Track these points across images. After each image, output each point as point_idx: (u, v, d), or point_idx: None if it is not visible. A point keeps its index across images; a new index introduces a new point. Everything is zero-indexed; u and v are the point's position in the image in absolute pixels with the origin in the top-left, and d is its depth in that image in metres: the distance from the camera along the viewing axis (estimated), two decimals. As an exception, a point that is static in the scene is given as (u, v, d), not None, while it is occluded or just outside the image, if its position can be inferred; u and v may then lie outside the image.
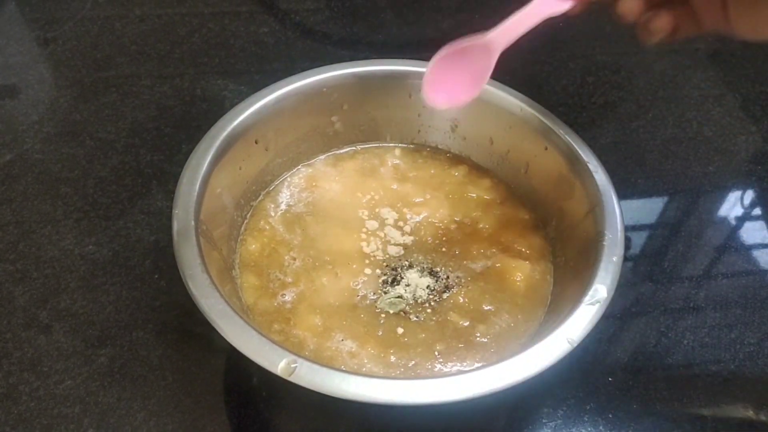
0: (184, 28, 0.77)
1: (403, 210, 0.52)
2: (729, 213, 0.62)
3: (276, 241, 0.50)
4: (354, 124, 0.56)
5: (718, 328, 0.53)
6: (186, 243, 0.40)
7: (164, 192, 0.59)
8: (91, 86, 0.69)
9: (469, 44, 0.43)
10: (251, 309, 0.45)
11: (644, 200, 0.63)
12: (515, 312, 0.46)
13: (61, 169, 0.60)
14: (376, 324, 0.45)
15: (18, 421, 0.44)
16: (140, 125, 0.65)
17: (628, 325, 0.53)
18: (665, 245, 0.59)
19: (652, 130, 0.69)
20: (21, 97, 0.67)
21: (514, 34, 0.43)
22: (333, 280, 0.47)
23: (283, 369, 0.35)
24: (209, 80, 0.70)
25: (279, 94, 0.50)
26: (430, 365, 0.43)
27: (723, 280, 0.56)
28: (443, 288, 0.47)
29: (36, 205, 0.57)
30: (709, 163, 0.66)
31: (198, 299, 0.38)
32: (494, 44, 0.43)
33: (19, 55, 0.72)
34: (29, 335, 0.49)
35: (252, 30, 0.78)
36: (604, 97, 0.72)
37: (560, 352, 0.37)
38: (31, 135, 0.63)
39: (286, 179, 0.54)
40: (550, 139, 0.49)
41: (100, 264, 0.53)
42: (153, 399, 0.46)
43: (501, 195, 0.54)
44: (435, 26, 0.81)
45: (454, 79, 0.45)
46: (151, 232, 0.56)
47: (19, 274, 0.52)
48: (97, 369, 0.47)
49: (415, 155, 0.57)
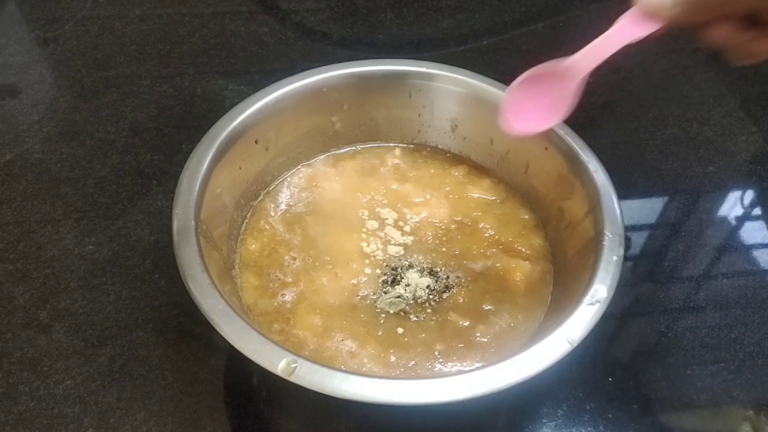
0: (184, 28, 0.77)
1: (403, 210, 0.52)
2: (729, 213, 0.62)
3: (276, 241, 0.50)
4: (354, 124, 0.56)
5: (718, 328, 0.53)
6: (186, 243, 0.40)
7: (164, 192, 0.59)
8: (91, 86, 0.69)
9: (548, 69, 0.42)
10: (251, 309, 0.45)
11: (644, 200, 0.63)
12: (515, 312, 0.46)
13: (61, 168, 0.60)
14: (376, 324, 0.45)
15: (18, 420, 0.44)
16: (140, 125, 0.65)
17: (628, 325, 0.53)
18: (665, 245, 0.59)
19: (653, 130, 0.69)
20: (21, 96, 0.67)
21: (596, 59, 0.40)
22: (333, 280, 0.47)
23: (283, 369, 0.35)
24: (209, 80, 0.70)
25: (279, 93, 0.50)
26: (430, 365, 0.43)
27: (723, 280, 0.56)
28: (443, 288, 0.47)
29: (36, 204, 0.57)
30: (710, 163, 0.66)
31: (198, 299, 0.38)
32: (575, 69, 0.41)
33: (19, 55, 0.72)
34: (29, 335, 0.49)
35: (252, 30, 0.78)
36: (604, 97, 0.72)
37: (560, 352, 0.37)
38: (31, 135, 0.63)
39: (286, 179, 0.54)
40: (550, 139, 0.49)
41: (100, 264, 0.53)
42: (153, 399, 0.46)
43: (501, 195, 0.54)
44: (435, 26, 0.81)
45: (533, 106, 0.43)
46: (151, 231, 0.56)
47: (19, 273, 0.52)
48: (97, 369, 0.47)
49: (416, 155, 0.57)
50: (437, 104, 0.54)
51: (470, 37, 0.79)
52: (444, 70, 0.53)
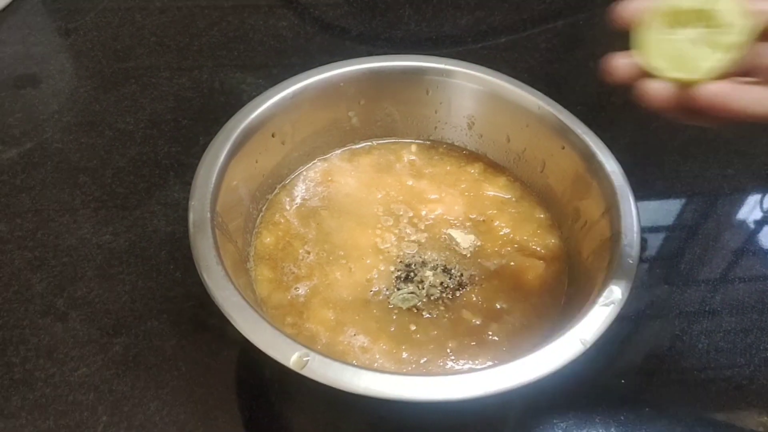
0: (203, 21, 0.77)
1: (418, 206, 0.52)
2: (747, 216, 0.62)
3: (291, 234, 0.50)
4: (371, 119, 0.55)
5: (733, 333, 0.53)
6: (202, 234, 0.41)
7: (181, 183, 0.59)
8: (111, 77, 0.70)
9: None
10: (265, 302, 0.46)
11: (661, 201, 0.63)
12: (529, 311, 0.46)
13: (80, 158, 0.61)
14: (388, 320, 0.45)
15: (33, 406, 0.45)
16: (159, 116, 0.65)
17: (642, 327, 0.53)
18: (682, 247, 0.58)
19: (671, 132, 0.68)
20: (42, 86, 0.68)
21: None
22: (346, 275, 0.47)
23: (296, 362, 0.35)
24: (227, 73, 0.71)
25: (296, 88, 0.50)
26: (442, 362, 0.43)
27: (740, 284, 0.56)
28: (457, 285, 0.47)
29: (55, 193, 0.58)
30: (729, 165, 0.66)
31: (212, 291, 0.38)
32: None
33: (40, 45, 0.73)
34: (46, 322, 0.49)
35: (271, 24, 0.78)
36: (623, 98, 0.71)
37: (573, 352, 0.36)
38: (51, 124, 0.64)
39: (302, 173, 0.54)
40: (567, 138, 0.49)
41: (116, 253, 0.54)
42: (166, 389, 0.46)
43: (517, 193, 0.54)
44: (453, 23, 0.80)
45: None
46: (167, 222, 0.56)
47: (37, 261, 0.53)
48: (111, 357, 0.48)
49: (431, 152, 0.57)
50: (454, 101, 0.54)
51: (489, 35, 0.79)
52: (462, 66, 0.53)
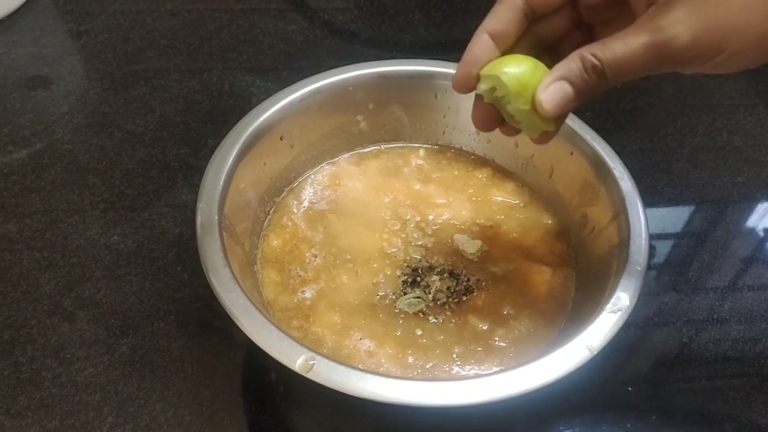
0: (213, 24, 0.78)
1: (425, 211, 0.52)
2: (757, 224, 0.61)
3: (298, 237, 0.50)
4: (379, 123, 0.56)
5: (742, 342, 0.52)
6: (209, 237, 0.41)
7: (189, 185, 0.59)
8: (121, 79, 0.70)
9: None
10: (271, 304, 0.46)
11: (670, 209, 0.62)
12: (535, 317, 0.46)
13: (90, 159, 0.61)
14: (394, 324, 0.45)
15: (40, 406, 0.45)
16: (168, 119, 0.66)
17: (649, 334, 0.52)
18: (690, 255, 0.58)
19: (681, 138, 0.68)
20: (52, 87, 0.69)
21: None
22: (353, 279, 0.47)
23: (301, 365, 0.35)
24: (237, 76, 0.71)
25: (305, 91, 0.51)
26: (448, 367, 0.43)
27: (749, 292, 0.55)
28: (463, 290, 0.47)
29: (64, 194, 0.58)
30: (739, 173, 0.65)
31: (219, 293, 0.38)
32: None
33: (51, 47, 0.73)
34: (53, 322, 0.50)
35: (281, 27, 0.78)
36: (632, 104, 0.71)
37: (580, 359, 0.36)
38: (62, 125, 0.64)
39: (309, 176, 0.54)
40: (576, 144, 0.49)
41: (124, 254, 0.54)
42: (172, 390, 0.46)
43: (525, 199, 0.54)
44: (463, 28, 0.80)
45: None
46: (175, 224, 0.56)
47: (45, 261, 0.53)
48: (118, 358, 0.48)
49: (439, 156, 0.57)
50: (463, 106, 0.54)
51: (498, 40, 0.79)
52: (471, 71, 0.53)
